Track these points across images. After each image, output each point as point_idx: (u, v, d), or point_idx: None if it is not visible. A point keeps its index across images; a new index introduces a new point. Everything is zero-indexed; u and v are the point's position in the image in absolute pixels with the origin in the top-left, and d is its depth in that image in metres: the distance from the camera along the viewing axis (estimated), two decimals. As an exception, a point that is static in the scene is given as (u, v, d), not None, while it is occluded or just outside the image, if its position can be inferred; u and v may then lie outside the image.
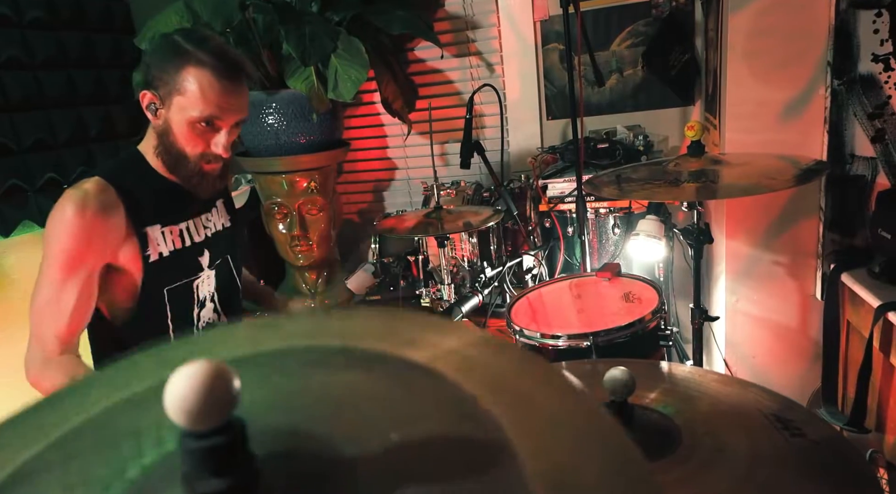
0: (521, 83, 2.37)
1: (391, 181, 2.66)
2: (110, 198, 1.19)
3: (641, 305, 1.36)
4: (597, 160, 2.07)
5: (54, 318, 1.16)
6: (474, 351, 0.43)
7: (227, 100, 1.20)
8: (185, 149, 1.23)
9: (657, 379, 0.99)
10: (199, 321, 1.38)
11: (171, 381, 0.36)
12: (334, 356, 0.45)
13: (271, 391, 0.44)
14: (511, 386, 0.40)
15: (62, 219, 1.15)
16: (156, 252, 1.26)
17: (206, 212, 1.40)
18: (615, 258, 2.01)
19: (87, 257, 1.17)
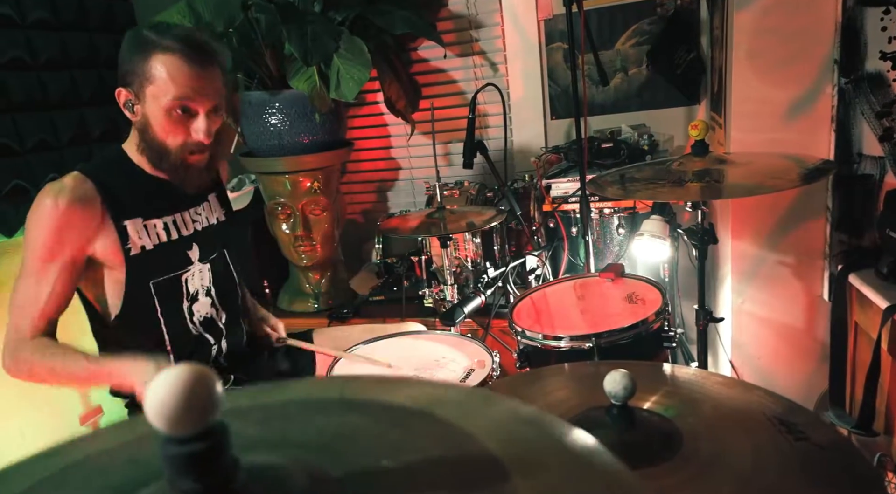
0: (524, 82, 2.36)
1: (395, 181, 2.65)
2: (86, 190, 1.20)
3: (645, 306, 1.35)
4: (601, 160, 2.05)
5: (30, 306, 1.19)
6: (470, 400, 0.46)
7: (198, 82, 1.19)
8: (166, 141, 1.22)
9: (659, 381, 0.97)
10: (191, 315, 1.38)
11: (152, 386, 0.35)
12: (333, 404, 0.47)
13: (268, 430, 0.45)
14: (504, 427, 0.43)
15: (38, 211, 1.18)
16: (137, 245, 1.26)
17: (196, 206, 1.39)
18: (619, 258, 1.99)
19: (62, 247, 1.19)
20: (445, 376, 1.35)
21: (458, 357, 1.43)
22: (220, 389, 0.36)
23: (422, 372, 1.38)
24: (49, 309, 1.20)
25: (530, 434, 0.45)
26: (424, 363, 1.42)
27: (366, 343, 1.53)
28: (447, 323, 1.53)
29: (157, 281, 1.30)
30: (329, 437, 0.44)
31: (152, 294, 1.30)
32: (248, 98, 2.13)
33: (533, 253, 1.90)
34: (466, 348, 1.47)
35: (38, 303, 1.18)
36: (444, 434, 0.43)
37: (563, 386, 1.04)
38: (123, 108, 1.24)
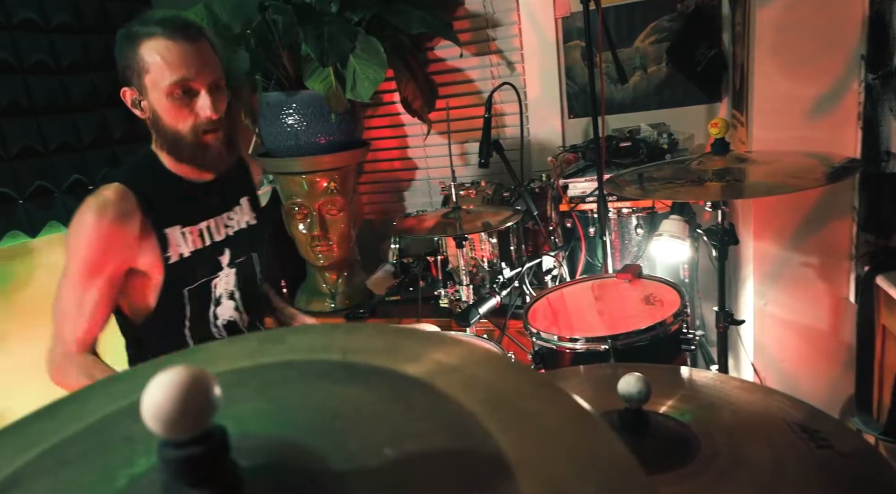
0: (541, 81, 2.34)
1: (411, 181, 2.65)
2: (129, 204, 1.19)
3: (663, 308, 1.32)
4: (619, 159, 2.03)
5: (74, 321, 1.19)
6: (476, 369, 0.43)
7: (190, 59, 1.17)
8: (177, 127, 1.21)
9: (676, 385, 0.95)
10: (215, 319, 1.38)
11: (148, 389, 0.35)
12: (335, 370, 0.45)
13: (268, 403, 0.43)
14: (512, 404, 0.40)
15: (82, 227, 1.17)
16: (176, 253, 1.27)
17: (228, 211, 1.39)
18: (638, 259, 1.96)
19: (106, 264, 1.19)
20: (459, 377, 1.34)
21: (472, 358, 1.42)
22: (217, 392, 0.36)
23: (436, 373, 1.37)
24: (94, 323, 1.20)
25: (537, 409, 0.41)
26: (439, 364, 1.41)
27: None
28: (462, 323, 1.52)
29: (191, 287, 1.30)
30: (329, 416, 0.42)
31: (185, 300, 1.30)
32: (265, 99, 2.14)
33: (549, 254, 1.88)
34: (481, 349, 1.46)
35: (82, 317, 1.18)
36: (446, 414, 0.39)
37: (578, 388, 1.03)
38: (133, 109, 1.23)
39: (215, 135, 1.24)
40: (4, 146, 1.68)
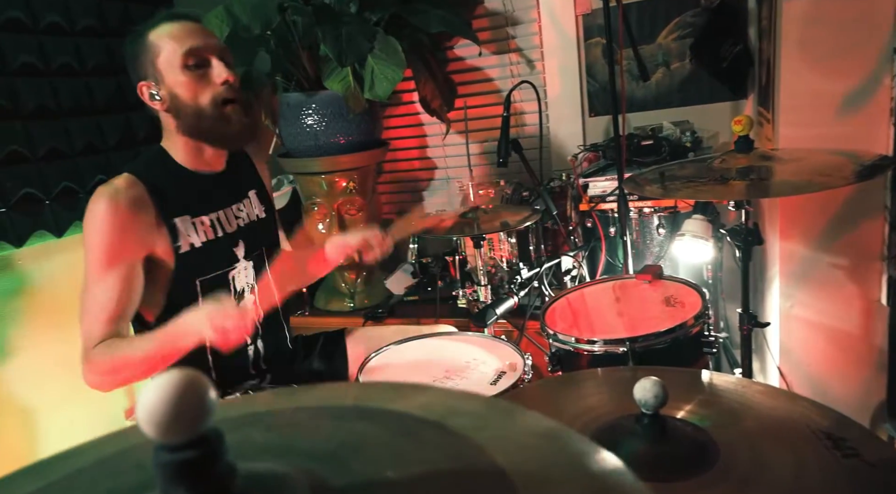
0: (562, 79, 2.31)
1: (430, 181, 2.64)
2: (139, 192, 1.22)
3: (684, 310, 1.29)
4: (640, 157, 1.99)
5: (98, 314, 1.19)
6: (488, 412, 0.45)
7: (197, 31, 1.25)
8: (198, 100, 1.23)
9: (696, 389, 0.93)
10: None
11: (143, 392, 0.34)
12: (346, 412, 0.46)
13: (276, 436, 0.44)
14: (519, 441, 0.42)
15: (96, 217, 1.18)
16: (186, 243, 1.28)
17: (238, 202, 1.40)
18: (660, 259, 1.93)
19: (124, 250, 1.20)
20: (475, 378, 1.32)
21: (488, 359, 1.41)
22: (212, 395, 0.35)
23: (451, 374, 1.36)
24: (115, 313, 1.20)
25: (547, 450, 0.44)
26: (454, 365, 1.40)
27: (397, 343, 1.52)
28: (478, 324, 1.51)
29: (204, 278, 1.31)
30: (336, 445, 0.43)
31: (198, 292, 1.30)
32: (285, 99, 2.16)
33: (569, 254, 1.86)
34: (498, 350, 1.44)
35: (105, 309, 1.19)
36: (455, 447, 0.42)
37: (596, 391, 1.01)
38: (151, 103, 1.26)
39: (234, 107, 1.26)
40: (32, 148, 1.72)
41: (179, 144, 1.29)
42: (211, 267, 1.32)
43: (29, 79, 1.72)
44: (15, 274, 1.71)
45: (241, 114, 1.28)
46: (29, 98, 1.71)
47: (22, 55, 1.70)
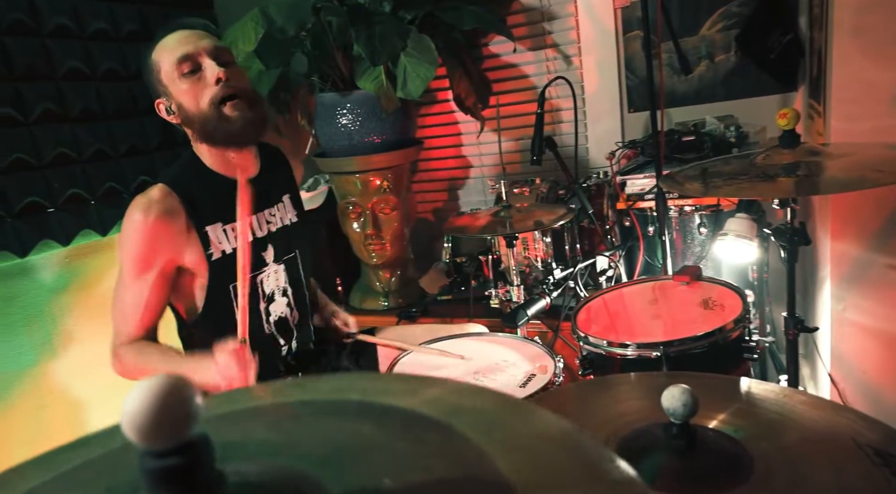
0: (599, 74, 2.26)
1: (465, 179, 2.62)
2: (172, 202, 1.25)
3: (724, 312, 1.23)
4: (681, 154, 1.92)
5: (128, 316, 1.24)
6: (499, 414, 0.43)
7: (187, 37, 1.26)
8: (199, 105, 1.25)
9: (732, 397, 0.88)
10: (268, 315, 1.41)
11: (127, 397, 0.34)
12: (350, 408, 0.45)
13: (276, 434, 0.44)
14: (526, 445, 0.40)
15: (131, 226, 1.23)
16: (218, 250, 1.30)
17: (270, 207, 1.42)
18: (701, 260, 1.85)
19: (155, 258, 1.24)
20: (504, 380, 1.30)
21: (519, 360, 1.38)
22: (198, 401, 0.35)
23: (480, 375, 1.34)
24: (146, 319, 1.26)
25: (556, 457, 0.41)
26: (484, 366, 1.38)
27: (427, 343, 1.51)
28: (509, 325, 1.48)
29: (236, 283, 1.33)
30: (335, 448, 0.42)
31: (231, 296, 1.33)
32: (321, 100, 2.18)
33: (604, 254, 1.81)
34: (529, 351, 1.42)
35: (136, 313, 1.24)
36: (458, 452, 0.40)
37: (627, 397, 0.97)
38: (168, 117, 1.30)
39: (234, 103, 1.26)
40: (78, 149, 1.78)
41: (205, 152, 1.32)
42: None
43: (76, 83, 1.79)
44: (63, 271, 1.78)
45: (245, 109, 1.27)
46: (76, 102, 1.78)
47: (70, 61, 1.77)
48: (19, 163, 1.63)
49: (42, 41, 1.71)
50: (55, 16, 1.73)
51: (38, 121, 1.68)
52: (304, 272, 1.50)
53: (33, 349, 1.69)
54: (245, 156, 1.36)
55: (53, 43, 1.73)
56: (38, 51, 1.70)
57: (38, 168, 1.67)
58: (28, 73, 1.66)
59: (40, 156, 1.68)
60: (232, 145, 1.32)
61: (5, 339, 1.64)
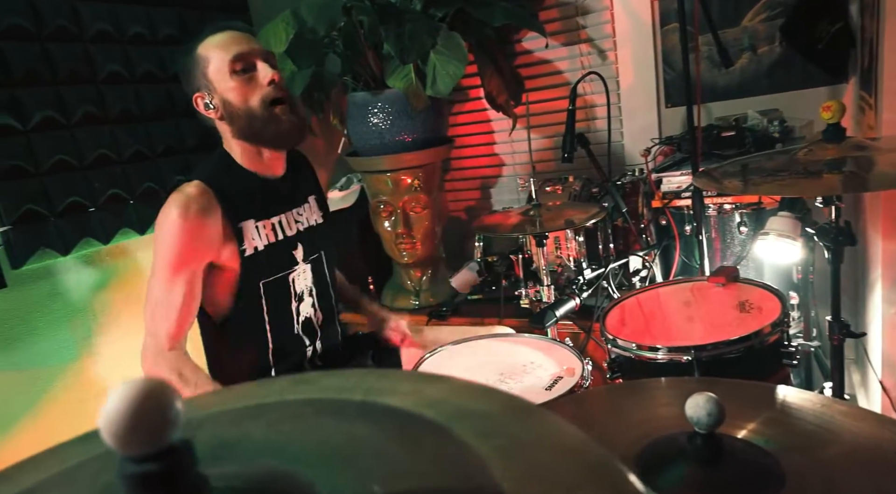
0: (635, 69, 2.19)
1: (497, 177, 2.59)
2: (209, 199, 1.25)
3: (761, 315, 1.18)
4: (721, 150, 1.85)
5: (165, 316, 1.24)
6: (503, 417, 0.42)
7: (240, 37, 1.29)
8: (249, 103, 1.28)
9: (766, 405, 0.83)
10: (298, 315, 1.42)
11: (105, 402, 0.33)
12: (351, 408, 0.44)
13: (274, 434, 0.43)
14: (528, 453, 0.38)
15: (168, 223, 1.23)
16: (251, 246, 1.31)
17: (298, 207, 1.43)
18: (741, 260, 1.78)
19: (192, 257, 1.24)
20: (530, 383, 1.27)
21: (546, 363, 1.35)
22: (177, 406, 0.34)
23: (506, 377, 1.32)
24: (183, 318, 1.25)
25: (559, 467, 0.39)
26: (510, 368, 1.35)
27: (453, 344, 1.49)
28: (536, 326, 1.45)
29: (267, 280, 1.34)
30: (329, 450, 0.41)
31: (262, 294, 1.34)
32: (352, 99, 2.18)
33: (637, 254, 1.76)
34: (557, 354, 1.38)
35: (171, 312, 1.23)
36: (454, 458, 0.38)
37: (655, 403, 0.93)
38: (206, 113, 1.31)
39: (283, 108, 1.30)
40: (118, 150, 1.84)
41: (238, 150, 1.34)
42: (273, 270, 1.35)
43: (116, 86, 1.84)
44: (103, 268, 1.84)
45: (290, 114, 1.31)
46: (115, 104, 1.83)
47: (110, 64, 1.82)
48: (62, 165, 1.69)
49: (84, 46, 1.77)
50: (96, 21, 1.79)
51: (79, 123, 1.73)
52: (329, 273, 1.51)
53: (75, 344, 1.75)
54: (278, 156, 1.39)
55: (95, 48, 1.79)
56: (80, 55, 1.76)
57: (79, 169, 1.73)
58: (70, 76, 1.72)
59: (82, 158, 1.73)
60: (275, 145, 1.35)
61: (50, 334, 1.71)
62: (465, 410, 0.43)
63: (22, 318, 1.63)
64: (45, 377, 1.67)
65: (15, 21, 1.60)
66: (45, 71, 1.66)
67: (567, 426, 0.45)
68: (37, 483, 0.43)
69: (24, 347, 1.63)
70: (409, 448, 0.40)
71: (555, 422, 0.44)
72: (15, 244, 1.58)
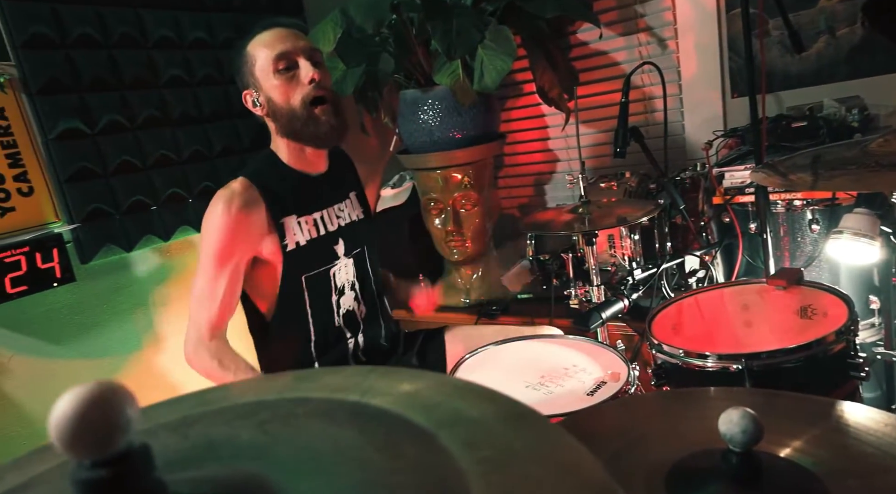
0: (698, 57, 2.07)
1: (552, 173, 2.53)
2: (253, 195, 1.30)
3: (825, 322, 1.07)
4: (791, 142, 1.71)
5: (208, 306, 1.30)
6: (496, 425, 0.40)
7: (285, 35, 1.31)
8: (290, 102, 1.30)
9: (820, 422, 0.75)
10: (338, 308, 1.44)
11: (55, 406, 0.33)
12: (342, 410, 0.44)
13: (261, 435, 0.43)
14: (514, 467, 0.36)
15: (214, 217, 1.28)
16: (293, 241, 1.34)
17: (339, 203, 1.46)
18: (813, 261, 1.64)
19: (235, 249, 1.29)
20: (571, 387, 1.23)
21: (590, 366, 1.30)
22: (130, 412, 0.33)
23: (547, 380, 1.28)
24: (225, 309, 1.31)
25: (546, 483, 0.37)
26: (551, 371, 1.31)
27: (496, 344, 1.46)
28: (581, 327, 1.40)
29: (309, 274, 1.38)
30: (310, 456, 0.40)
31: (304, 287, 1.37)
32: (403, 96, 2.19)
33: (694, 253, 1.66)
34: (602, 357, 1.33)
35: (214, 302, 1.29)
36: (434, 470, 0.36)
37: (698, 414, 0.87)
38: (254, 109, 1.35)
39: (323, 108, 1.32)
40: (178, 151, 1.92)
41: (283, 147, 1.37)
42: (314, 264, 1.39)
43: (176, 90, 1.93)
44: (163, 264, 1.93)
45: (331, 116, 1.33)
46: (176, 107, 1.92)
47: (171, 69, 1.91)
48: (126, 165, 1.78)
49: (147, 52, 1.86)
50: (159, 28, 1.88)
51: (142, 126, 1.82)
52: (371, 267, 1.51)
53: (138, 335, 1.85)
54: (320, 154, 1.42)
55: (157, 53, 1.88)
56: (144, 61, 1.85)
57: (142, 169, 1.82)
58: (135, 81, 1.82)
59: (144, 158, 1.83)
60: (314, 144, 1.38)
61: (116, 326, 1.81)
62: (458, 416, 0.41)
63: (90, 310, 1.74)
64: (110, 366, 1.78)
65: (85, 31, 1.70)
66: (111, 77, 1.76)
67: (566, 438, 0.42)
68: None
69: (91, 337, 1.74)
70: (391, 456, 0.39)
71: (553, 434, 0.41)
72: (83, 241, 1.68)
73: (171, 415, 0.51)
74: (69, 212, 1.68)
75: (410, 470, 0.37)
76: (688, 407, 0.89)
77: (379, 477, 0.37)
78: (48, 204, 1.66)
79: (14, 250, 1.55)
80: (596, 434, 0.86)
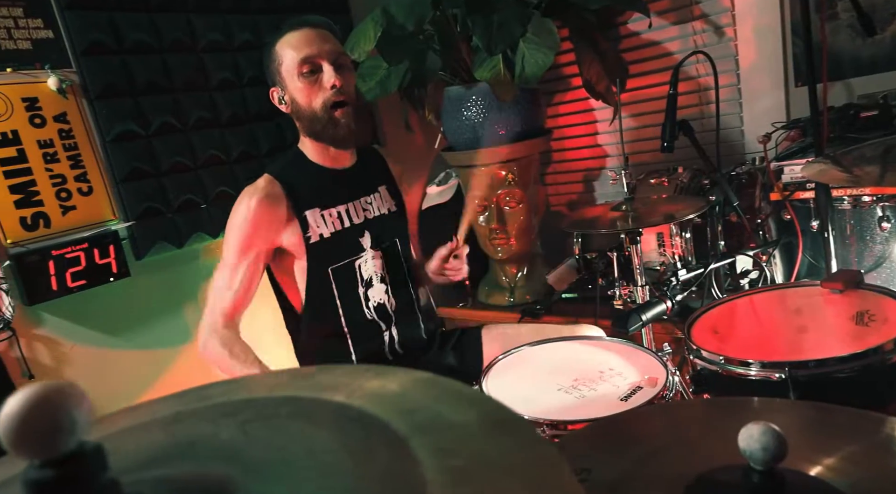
0: (758, 44, 1.95)
1: (601, 169, 2.45)
2: (275, 189, 1.35)
3: (884, 329, 0.98)
4: (858, 133, 1.58)
5: (223, 295, 1.35)
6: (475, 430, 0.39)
7: (312, 38, 1.32)
8: (312, 105, 1.33)
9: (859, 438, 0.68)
10: (367, 300, 1.45)
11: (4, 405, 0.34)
12: (323, 411, 0.44)
13: (241, 435, 0.43)
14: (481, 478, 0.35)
15: (237, 210, 1.34)
16: (316, 234, 1.37)
17: (366, 196, 1.47)
18: (882, 262, 1.51)
19: (255, 240, 1.33)
20: (605, 391, 1.17)
21: (626, 370, 1.24)
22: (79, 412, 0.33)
23: (580, 383, 1.23)
24: (239, 299, 1.35)
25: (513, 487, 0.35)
26: (587, 373, 1.26)
27: (531, 344, 1.42)
28: (619, 329, 1.34)
29: (335, 267, 1.40)
30: (281, 459, 0.40)
31: (331, 279, 1.40)
32: (447, 94, 2.17)
33: (746, 253, 1.56)
34: (640, 361, 1.26)
35: (230, 291, 1.34)
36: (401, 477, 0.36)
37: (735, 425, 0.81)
38: (279, 106, 1.39)
39: (343, 111, 1.34)
40: (227, 151, 1.99)
41: (308, 144, 1.41)
42: (339, 256, 1.41)
43: (225, 92, 1.99)
44: (212, 260, 2.00)
45: (350, 119, 1.35)
46: (225, 109, 1.98)
47: (221, 72, 1.97)
48: (178, 165, 1.85)
49: (198, 56, 1.93)
50: (209, 32, 1.95)
51: (193, 127, 1.89)
52: (404, 260, 1.51)
53: (188, 328, 1.93)
54: (343, 152, 1.45)
55: (207, 57, 1.95)
56: (195, 65, 1.92)
57: (193, 169, 1.89)
58: (186, 84, 1.89)
59: (195, 159, 1.90)
60: (334, 145, 1.41)
61: (169, 319, 1.89)
62: (438, 420, 0.40)
63: (143, 304, 1.82)
64: (162, 357, 1.86)
65: (139, 37, 1.79)
66: (164, 80, 1.84)
67: (545, 448, 0.40)
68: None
69: (145, 330, 1.83)
70: (361, 462, 0.38)
71: (532, 443, 0.39)
72: (137, 238, 1.77)
73: (171, 410, 0.51)
74: (125, 211, 1.77)
75: (377, 478, 0.36)
76: (725, 416, 0.83)
77: (343, 484, 0.36)
78: (106, 203, 1.75)
79: (74, 247, 1.65)
80: (623, 438, 0.82)
